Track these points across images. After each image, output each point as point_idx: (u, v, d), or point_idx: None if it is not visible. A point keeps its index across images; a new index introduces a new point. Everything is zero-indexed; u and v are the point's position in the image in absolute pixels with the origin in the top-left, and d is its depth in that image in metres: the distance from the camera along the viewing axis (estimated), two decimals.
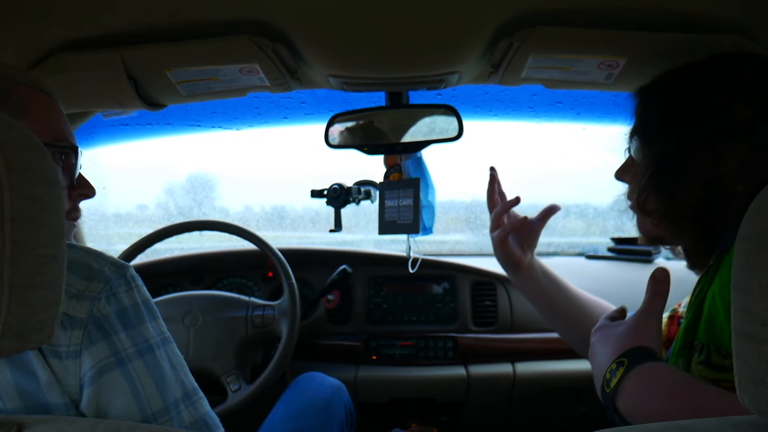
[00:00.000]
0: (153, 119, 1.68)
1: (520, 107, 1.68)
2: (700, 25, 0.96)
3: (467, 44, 1.06)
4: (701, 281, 0.89)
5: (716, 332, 0.79)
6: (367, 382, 1.75)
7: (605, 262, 2.23)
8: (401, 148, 1.38)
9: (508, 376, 1.74)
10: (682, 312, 1.16)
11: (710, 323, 0.81)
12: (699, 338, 0.83)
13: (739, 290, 0.46)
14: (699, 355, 0.82)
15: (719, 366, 0.78)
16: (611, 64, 1.09)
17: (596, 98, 1.55)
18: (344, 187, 1.47)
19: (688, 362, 0.84)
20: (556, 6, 0.94)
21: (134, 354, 0.70)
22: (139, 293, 0.74)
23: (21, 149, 0.49)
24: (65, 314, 0.66)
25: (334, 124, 1.36)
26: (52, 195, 0.53)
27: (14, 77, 0.78)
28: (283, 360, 1.54)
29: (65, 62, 1.07)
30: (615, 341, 0.85)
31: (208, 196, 2.73)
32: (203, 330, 1.56)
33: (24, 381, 0.66)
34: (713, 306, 0.80)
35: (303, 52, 1.09)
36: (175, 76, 1.15)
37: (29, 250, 0.50)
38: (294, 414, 1.37)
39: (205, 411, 0.78)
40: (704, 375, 0.80)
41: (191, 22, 0.99)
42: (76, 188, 0.87)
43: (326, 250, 2.01)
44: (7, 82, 0.76)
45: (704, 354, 0.81)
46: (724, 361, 0.77)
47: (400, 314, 1.85)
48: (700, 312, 0.84)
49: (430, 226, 1.45)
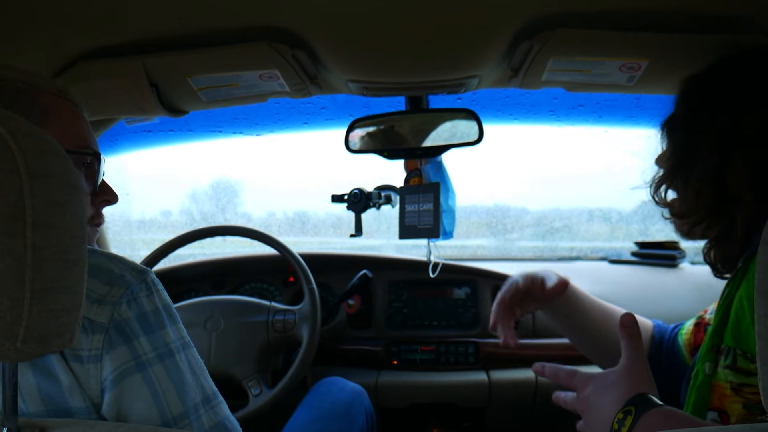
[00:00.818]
0: (175, 126, 1.70)
1: (541, 110, 1.67)
2: (722, 25, 0.95)
3: (487, 48, 1.06)
4: (729, 285, 0.88)
5: (743, 336, 0.78)
6: (388, 387, 1.74)
7: (629, 267, 2.19)
8: (421, 152, 1.38)
9: (530, 382, 1.72)
10: (709, 319, 1.14)
11: (737, 327, 0.80)
12: (726, 342, 0.82)
13: (764, 294, 0.45)
14: (726, 359, 0.81)
15: (745, 370, 0.77)
16: (633, 66, 1.07)
17: (618, 101, 1.53)
18: (365, 191, 1.47)
19: (715, 365, 0.83)
20: (576, 8, 0.93)
21: (154, 358, 0.71)
22: (160, 298, 0.75)
23: (42, 155, 0.50)
24: (86, 318, 0.67)
25: (355, 129, 1.37)
26: (74, 200, 0.54)
27: (39, 85, 0.79)
28: (304, 364, 1.54)
29: (89, 70, 1.09)
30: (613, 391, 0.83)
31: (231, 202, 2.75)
32: (225, 335, 1.57)
33: (46, 385, 0.67)
34: (740, 309, 0.79)
35: (322, 57, 1.09)
36: (196, 83, 1.16)
37: (50, 255, 0.50)
38: (315, 419, 1.37)
39: (225, 415, 0.79)
40: (730, 379, 0.79)
41: (211, 29, 1.01)
42: (99, 195, 0.88)
43: (347, 255, 2.01)
44: (32, 90, 0.78)
45: (731, 358, 0.80)
46: (750, 365, 0.76)
47: (420, 319, 1.84)
48: (727, 315, 0.84)
49: (450, 231, 1.44)
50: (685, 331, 1.18)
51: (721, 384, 0.81)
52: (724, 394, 0.80)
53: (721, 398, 0.81)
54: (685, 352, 1.16)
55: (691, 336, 1.16)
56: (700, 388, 0.84)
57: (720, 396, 0.81)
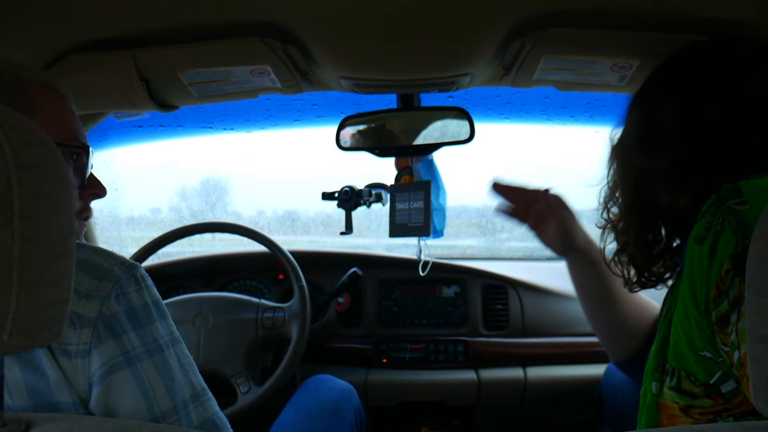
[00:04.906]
0: (165, 121, 1.69)
1: (532, 110, 1.67)
2: (713, 26, 0.95)
3: (479, 45, 1.06)
4: (667, 301, 0.86)
5: (684, 359, 0.76)
6: (377, 386, 1.74)
7: None
8: (412, 150, 1.38)
9: (519, 380, 1.73)
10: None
11: (677, 348, 0.78)
12: (669, 362, 0.80)
13: (754, 292, 0.45)
14: (670, 380, 0.78)
15: (690, 393, 0.75)
16: (624, 66, 1.08)
17: (609, 101, 1.54)
18: (355, 189, 1.47)
19: (660, 385, 0.81)
20: (568, 7, 0.93)
21: (143, 354, 0.70)
22: (149, 293, 0.74)
23: (30, 146, 0.50)
24: (75, 313, 0.66)
25: (346, 126, 1.36)
26: (62, 193, 0.53)
27: (26, 77, 0.78)
28: (293, 362, 1.53)
29: (78, 63, 1.08)
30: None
31: (220, 200, 2.74)
32: (213, 332, 1.56)
33: (33, 379, 0.66)
34: (676, 333, 0.78)
35: (314, 53, 1.09)
36: (186, 78, 1.16)
37: (38, 248, 0.50)
38: (304, 416, 1.37)
39: (214, 412, 0.78)
40: (676, 401, 0.77)
41: (203, 23, 1.00)
42: (88, 188, 0.87)
43: (337, 253, 2.01)
44: (20, 81, 0.77)
45: (675, 379, 0.77)
46: (694, 388, 0.74)
47: (410, 317, 1.84)
48: (668, 335, 0.81)
49: (441, 229, 1.44)
50: None
51: (669, 404, 0.79)
52: (673, 414, 0.78)
53: (670, 418, 0.79)
54: None
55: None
56: (648, 408, 0.82)
57: (669, 416, 0.79)
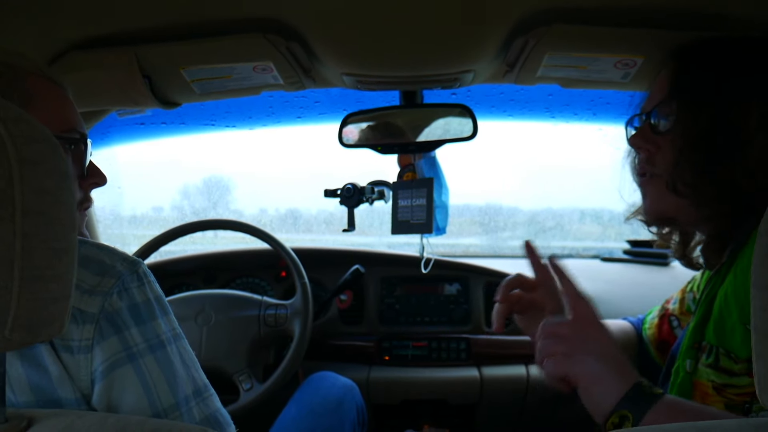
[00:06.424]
0: (167, 118, 1.69)
1: (535, 107, 1.67)
2: (719, 24, 0.95)
3: (483, 42, 1.06)
4: (713, 279, 0.84)
5: (727, 334, 0.75)
6: (380, 383, 1.74)
7: (621, 265, 2.21)
8: (415, 147, 1.37)
9: (521, 378, 1.73)
10: (673, 309, 1.12)
11: (720, 324, 0.77)
12: (708, 339, 0.79)
13: (759, 287, 0.45)
14: (707, 357, 0.78)
15: (728, 370, 0.74)
16: (628, 63, 1.07)
17: (613, 98, 1.54)
18: (358, 186, 1.46)
19: (696, 363, 0.80)
20: (572, 4, 0.93)
21: (145, 349, 0.70)
22: (151, 289, 0.74)
23: (32, 142, 0.49)
24: (77, 309, 0.66)
25: (348, 123, 1.36)
26: (64, 188, 0.53)
27: (23, 67, 0.78)
28: (296, 359, 1.53)
29: (80, 60, 1.07)
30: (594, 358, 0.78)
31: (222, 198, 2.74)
32: (216, 329, 1.56)
33: (35, 375, 0.66)
34: (725, 306, 0.76)
35: (317, 50, 1.09)
36: (189, 75, 1.15)
37: (40, 243, 0.50)
38: (306, 414, 1.37)
39: (216, 408, 0.78)
40: (712, 378, 0.76)
41: (205, 20, 1.00)
42: (87, 177, 0.87)
43: (339, 250, 2.00)
44: (16, 71, 0.76)
45: (713, 356, 0.77)
46: (734, 365, 0.73)
47: (412, 315, 1.84)
48: (709, 312, 0.80)
49: (443, 227, 1.44)
50: (649, 326, 1.15)
51: (703, 382, 0.78)
52: (706, 393, 0.77)
53: (703, 396, 0.78)
54: (651, 348, 1.14)
55: (656, 330, 1.13)
56: (681, 386, 0.81)
57: (702, 394, 0.78)
